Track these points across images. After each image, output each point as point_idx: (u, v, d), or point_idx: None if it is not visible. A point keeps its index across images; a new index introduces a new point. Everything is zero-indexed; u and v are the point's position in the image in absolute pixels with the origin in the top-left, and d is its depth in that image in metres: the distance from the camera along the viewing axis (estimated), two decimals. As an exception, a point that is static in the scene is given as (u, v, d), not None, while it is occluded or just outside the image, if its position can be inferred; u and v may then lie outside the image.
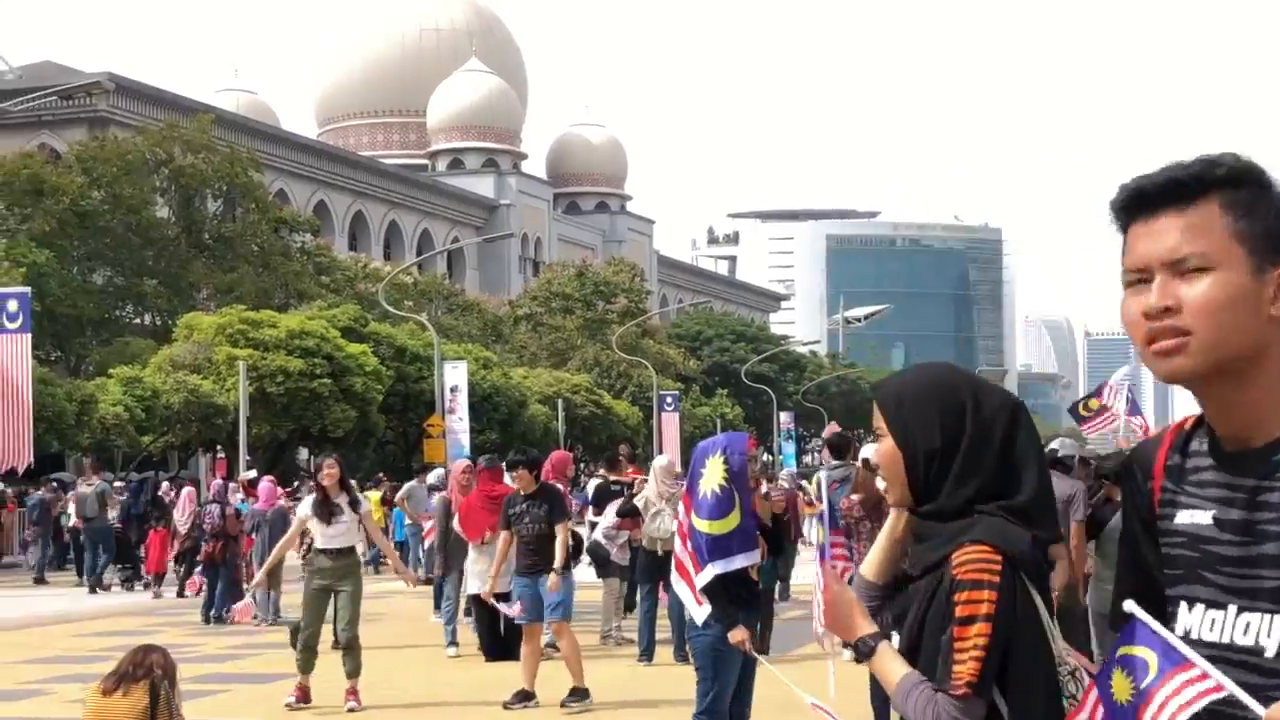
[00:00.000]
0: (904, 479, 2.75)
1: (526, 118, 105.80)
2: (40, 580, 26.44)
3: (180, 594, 21.16)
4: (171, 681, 6.85)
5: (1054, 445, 9.93)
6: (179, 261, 50.46)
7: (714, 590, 7.36)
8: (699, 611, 7.48)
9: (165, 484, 30.73)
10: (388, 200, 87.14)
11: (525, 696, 11.15)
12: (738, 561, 7.30)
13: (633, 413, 61.45)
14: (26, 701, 11.67)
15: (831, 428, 17.22)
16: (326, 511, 11.19)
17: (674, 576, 7.73)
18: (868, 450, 10.67)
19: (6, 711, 11.21)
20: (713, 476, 7.29)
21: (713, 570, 7.26)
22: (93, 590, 23.62)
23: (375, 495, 27.85)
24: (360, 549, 12.91)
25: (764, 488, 9.78)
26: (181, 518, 21.91)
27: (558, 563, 11.11)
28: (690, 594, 7.46)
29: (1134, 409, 20.07)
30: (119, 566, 24.83)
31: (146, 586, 23.42)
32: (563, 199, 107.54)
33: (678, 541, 7.66)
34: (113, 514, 25.02)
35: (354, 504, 11.32)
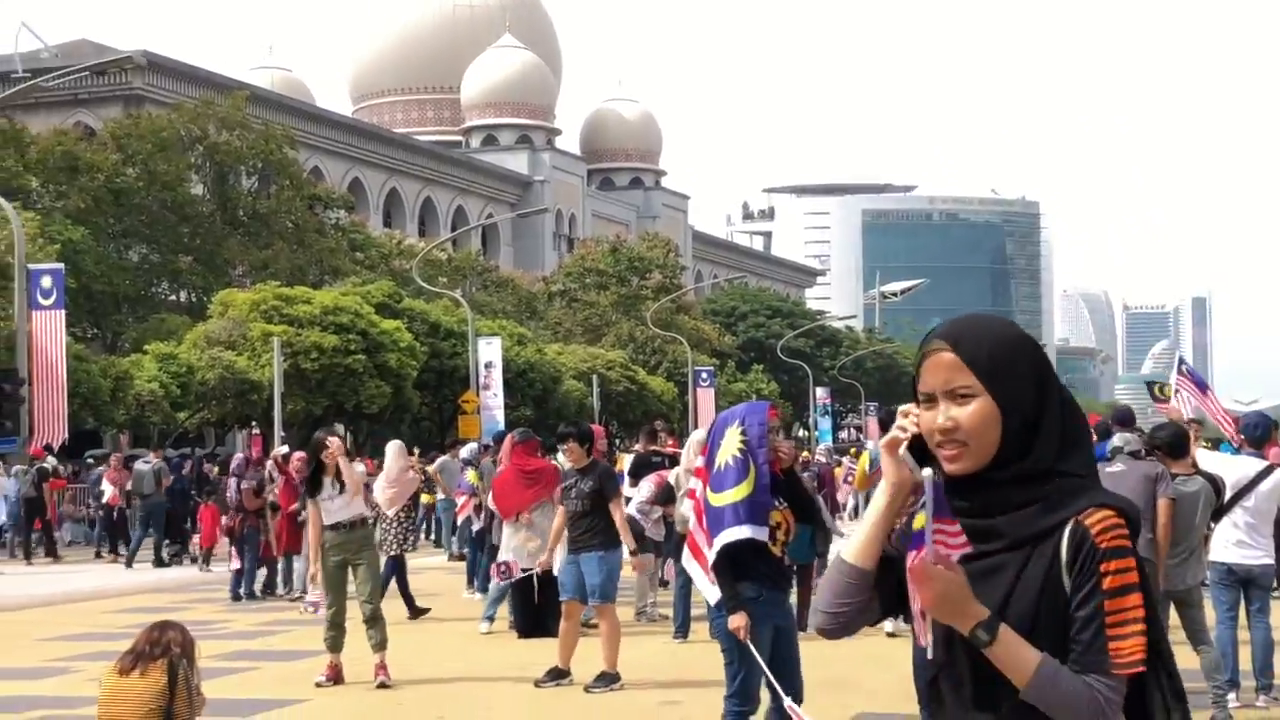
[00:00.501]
0: (993, 444, 2.45)
1: (560, 93, 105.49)
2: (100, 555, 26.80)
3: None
4: (190, 659, 6.63)
5: (1116, 442, 9.58)
6: (214, 238, 50.47)
7: (721, 570, 7.01)
8: (711, 592, 7.15)
9: (205, 462, 30.82)
10: (422, 177, 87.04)
11: (559, 674, 10.91)
12: (744, 531, 6.82)
13: (668, 389, 61.19)
14: (51, 680, 11.54)
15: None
16: (314, 488, 11.02)
17: (686, 555, 7.40)
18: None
19: (30, 689, 11.07)
20: (729, 447, 6.93)
21: (718, 542, 6.88)
22: (156, 565, 23.91)
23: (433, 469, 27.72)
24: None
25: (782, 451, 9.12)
26: (233, 493, 21.98)
27: (629, 543, 10.93)
28: (703, 573, 7.12)
29: (1202, 385, 19.00)
30: (166, 543, 25.05)
31: (194, 560, 23.52)
32: (597, 175, 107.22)
33: (692, 519, 7.27)
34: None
35: (339, 477, 10.98)
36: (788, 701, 6.76)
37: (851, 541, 2.59)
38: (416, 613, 15.46)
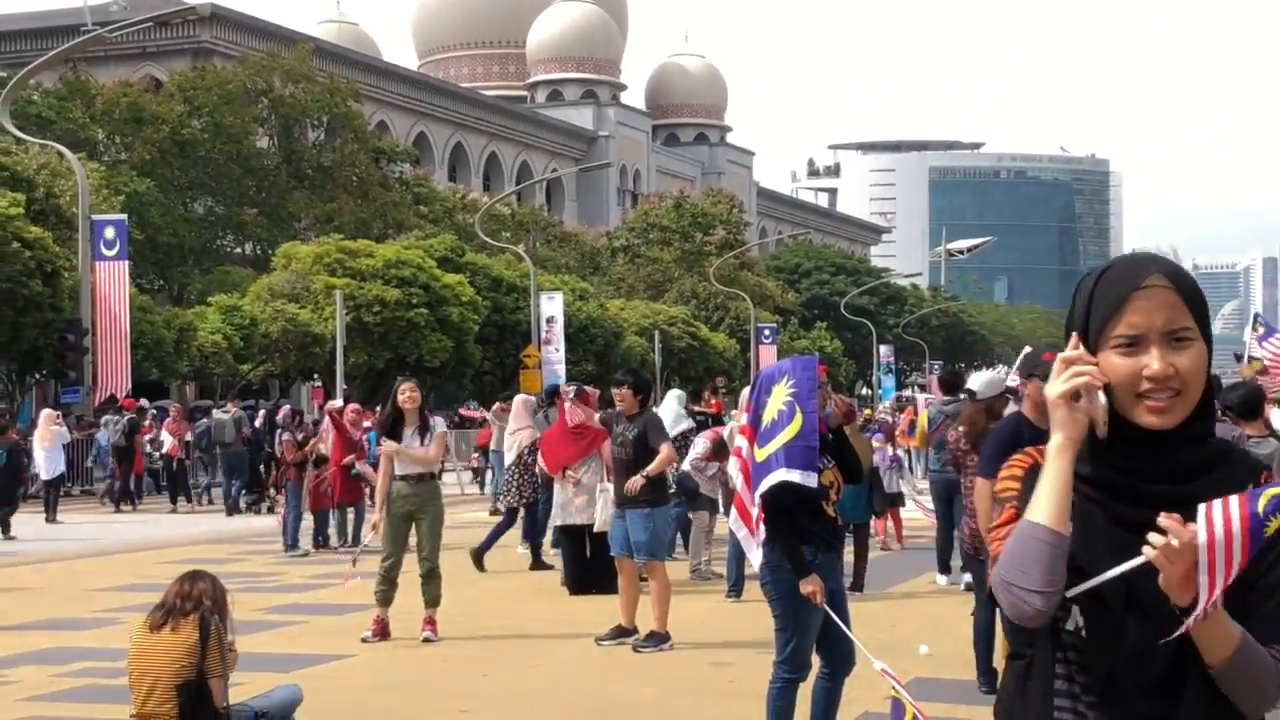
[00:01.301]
0: (1199, 395, 2.25)
1: (626, 48, 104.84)
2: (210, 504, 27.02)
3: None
4: (222, 612, 6.48)
5: None
6: (279, 191, 50.62)
7: (783, 533, 6.74)
8: (754, 554, 6.88)
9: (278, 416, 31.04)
10: (487, 132, 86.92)
11: (623, 632, 10.70)
12: (782, 476, 6.43)
13: (730, 345, 60.91)
14: (99, 630, 11.50)
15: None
16: (394, 438, 10.84)
17: (733, 516, 7.15)
18: (973, 381, 10.09)
19: (77, 640, 11.04)
20: (776, 402, 6.62)
21: (760, 488, 6.55)
22: (231, 514, 24.25)
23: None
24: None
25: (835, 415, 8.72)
26: (326, 445, 22.03)
27: (648, 469, 10.38)
28: (749, 535, 6.86)
29: (1269, 332, 18.14)
30: (243, 491, 25.29)
31: (271, 510, 23.69)
32: (662, 130, 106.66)
33: (739, 479, 6.98)
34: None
35: (424, 428, 10.85)
36: (879, 665, 6.53)
37: (1044, 508, 2.24)
38: (539, 565, 15.60)
